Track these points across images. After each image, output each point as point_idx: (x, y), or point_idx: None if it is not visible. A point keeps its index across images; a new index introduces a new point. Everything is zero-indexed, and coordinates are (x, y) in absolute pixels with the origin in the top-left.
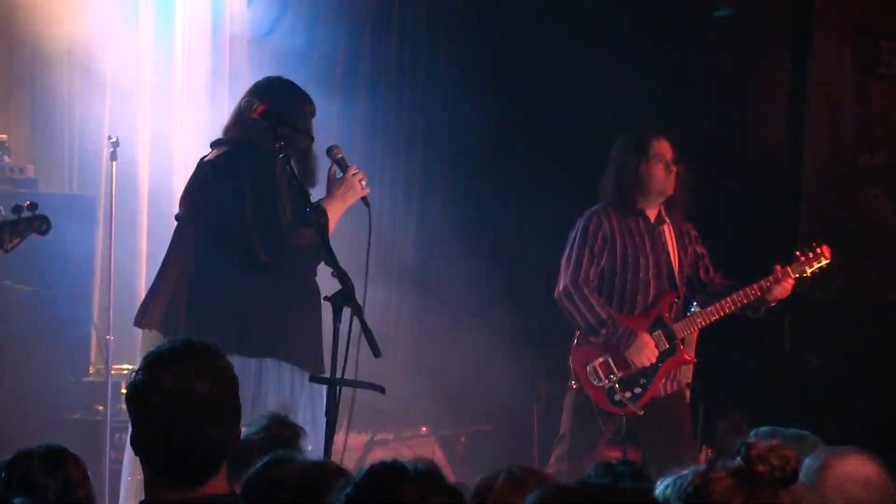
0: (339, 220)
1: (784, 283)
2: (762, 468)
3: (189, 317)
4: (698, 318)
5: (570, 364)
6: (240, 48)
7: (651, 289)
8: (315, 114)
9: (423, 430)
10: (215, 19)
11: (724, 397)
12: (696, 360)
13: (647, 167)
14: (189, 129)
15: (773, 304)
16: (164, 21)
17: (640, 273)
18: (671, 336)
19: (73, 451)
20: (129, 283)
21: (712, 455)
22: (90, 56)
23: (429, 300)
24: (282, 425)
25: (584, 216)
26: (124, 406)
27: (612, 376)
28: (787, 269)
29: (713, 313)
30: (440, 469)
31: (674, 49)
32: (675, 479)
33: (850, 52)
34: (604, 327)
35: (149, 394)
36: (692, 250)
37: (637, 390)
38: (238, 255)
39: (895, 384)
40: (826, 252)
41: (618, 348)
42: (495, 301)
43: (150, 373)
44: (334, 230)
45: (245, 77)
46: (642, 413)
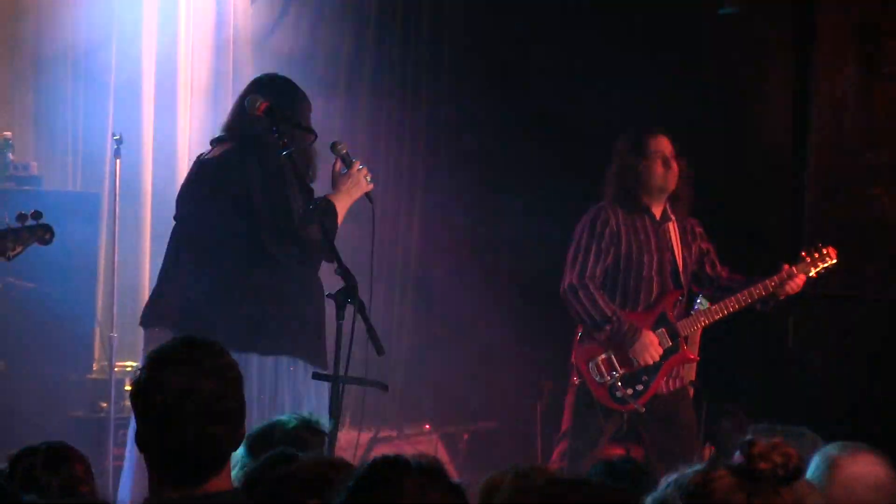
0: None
1: (795, 280)
2: (764, 466)
3: (202, 315)
4: (702, 316)
5: (573, 360)
6: (242, 47)
7: (655, 286)
8: (311, 111)
9: (426, 427)
10: (218, 18)
11: (727, 395)
12: (698, 358)
13: (645, 164)
14: (192, 126)
15: (782, 298)
16: (168, 19)
17: (644, 270)
18: (674, 334)
19: (77, 449)
20: (133, 280)
21: (715, 453)
22: (94, 54)
23: (432, 298)
24: (309, 430)
25: (591, 212)
26: (128, 403)
27: (615, 373)
28: (794, 269)
29: (717, 311)
30: (443, 466)
31: (678, 47)
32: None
33: (854, 51)
34: (608, 324)
35: (152, 392)
36: (697, 247)
37: (639, 387)
38: (250, 252)
39: None
40: (832, 253)
41: (621, 345)
42: (498, 298)
43: (154, 371)
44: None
45: (248, 76)
46: (644, 410)
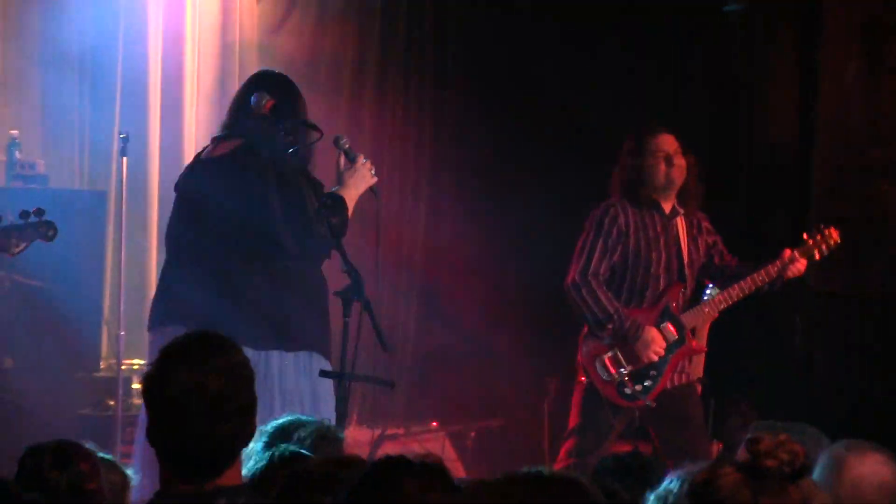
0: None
1: (797, 265)
2: (770, 463)
3: (220, 313)
4: (706, 307)
5: (579, 359)
6: (248, 47)
7: (661, 283)
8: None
9: (433, 425)
10: (224, 17)
11: (734, 392)
12: (706, 349)
13: (649, 164)
14: (199, 125)
15: (786, 281)
16: (174, 18)
17: (653, 268)
18: (680, 326)
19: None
20: (140, 278)
21: (722, 450)
22: (101, 53)
23: (438, 295)
24: (324, 439)
25: (600, 208)
26: (136, 401)
27: (622, 370)
28: (796, 253)
29: (722, 301)
30: (444, 466)
31: (683, 44)
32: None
33: (859, 46)
34: (610, 321)
35: (163, 386)
36: (703, 241)
37: (647, 383)
38: (264, 249)
39: None
40: (834, 234)
41: (626, 342)
42: (505, 297)
43: (165, 365)
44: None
45: None
46: (654, 405)
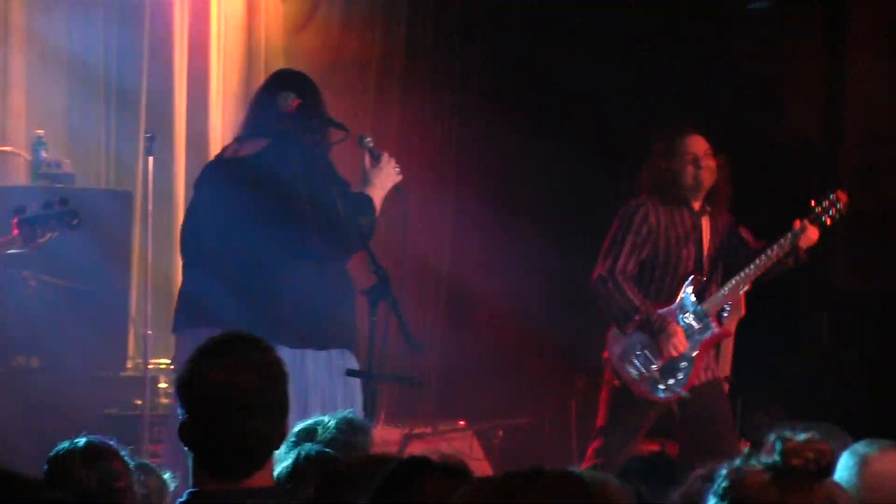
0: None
1: (808, 234)
2: (797, 462)
3: (252, 313)
4: (725, 289)
5: (608, 359)
6: (274, 46)
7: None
8: None
9: (461, 423)
10: (250, 17)
11: (761, 390)
12: (730, 332)
13: (678, 164)
14: (225, 125)
15: (804, 253)
16: (200, 18)
17: (682, 266)
18: (701, 314)
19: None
20: (166, 278)
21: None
22: (126, 53)
23: (465, 294)
24: (353, 431)
25: (631, 205)
26: (162, 401)
27: (653, 367)
28: (805, 222)
29: (740, 281)
30: (467, 466)
31: (709, 42)
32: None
33: (886, 45)
34: (636, 314)
35: (196, 384)
36: (727, 235)
37: (680, 376)
38: (295, 248)
39: None
40: (842, 197)
41: (653, 337)
42: (532, 294)
43: (200, 363)
44: None
45: None
46: (689, 396)
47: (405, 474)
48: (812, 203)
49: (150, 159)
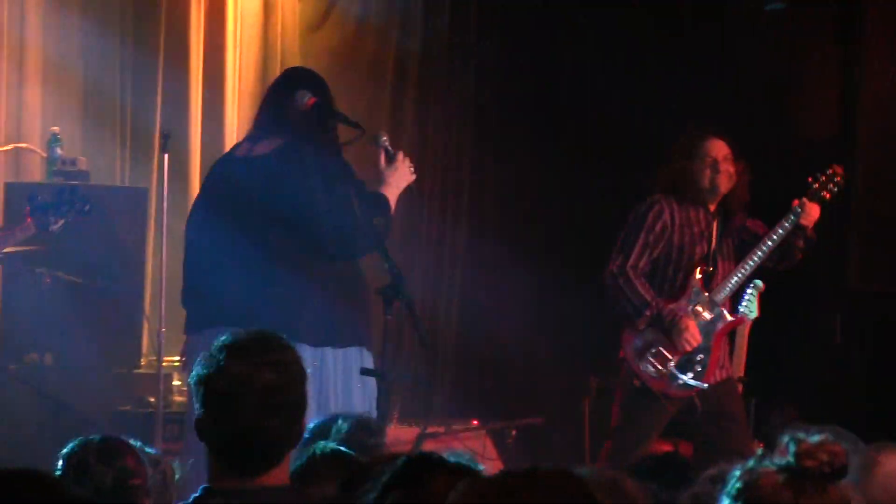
0: None
1: (808, 212)
2: (811, 463)
3: (270, 313)
4: (733, 277)
5: (624, 359)
6: (290, 44)
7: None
8: None
9: (474, 422)
10: (266, 15)
11: (774, 391)
12: (744, 320)
13: (696, 166)
14: (241, 122)
15: (811, 234)
16: (216, 16)
17: (695, 264)
18: (712, 304)
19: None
20: (181, 275)
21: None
22: (142, 48)
23: (478, 293)
24: (367, 433)
25: (646, 202)
26: (176, 398)
27: (670, 363)
28: (803, 200)
29: (744, 266)
30: (478, 465)
31: (724, 43)
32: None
33: None
34: (647, 309)
35: (214, 379)
36: (738, 233)
37: (697, 368)
38: (311, 246)
39: None
40: (838, 170)
41: (666, 333)
42: (546, 294)
43: (219, 358)
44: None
45: None
46: (708, 387)
47: (413, 470)
48: (809, 179)
49: (166, 157)
